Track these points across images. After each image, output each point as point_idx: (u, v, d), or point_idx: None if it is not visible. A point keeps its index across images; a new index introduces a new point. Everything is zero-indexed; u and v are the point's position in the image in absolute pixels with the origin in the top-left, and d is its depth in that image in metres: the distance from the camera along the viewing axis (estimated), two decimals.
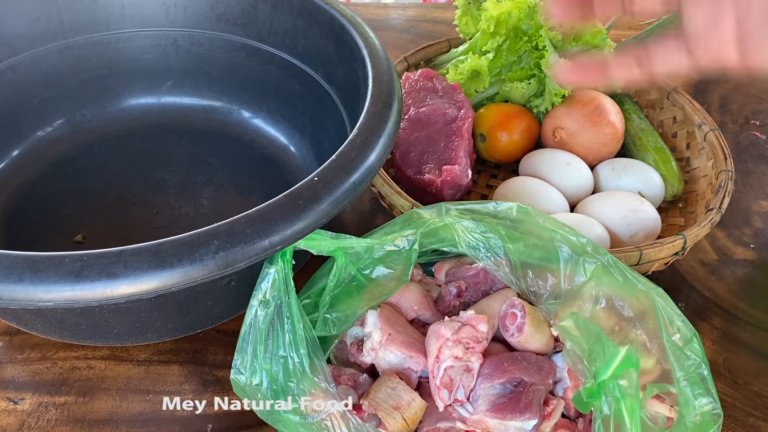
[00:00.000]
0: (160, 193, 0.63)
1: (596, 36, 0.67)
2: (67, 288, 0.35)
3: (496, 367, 0.44)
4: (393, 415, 0.43)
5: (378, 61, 0.52)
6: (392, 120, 0.47)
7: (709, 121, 0.66)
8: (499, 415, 0.43)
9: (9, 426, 0.48)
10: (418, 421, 0.44)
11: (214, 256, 0.37)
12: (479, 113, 0.67)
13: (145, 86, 0.69)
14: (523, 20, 0.67)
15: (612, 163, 0.64)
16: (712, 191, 0.60)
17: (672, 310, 0.44)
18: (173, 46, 0.67)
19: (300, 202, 0.40)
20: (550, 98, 0.66)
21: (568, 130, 0.65)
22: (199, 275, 0.37)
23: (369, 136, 0.45)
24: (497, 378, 0.44)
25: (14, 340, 0.54)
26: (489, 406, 0.43)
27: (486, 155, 0.68)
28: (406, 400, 0.44)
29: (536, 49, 0.68)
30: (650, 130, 0.68)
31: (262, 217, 0.39)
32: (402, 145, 0.63)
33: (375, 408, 0.43)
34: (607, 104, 0.65)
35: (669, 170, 0.64)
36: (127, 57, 0.67)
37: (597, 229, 0.56)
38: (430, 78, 0.66)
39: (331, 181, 0.41)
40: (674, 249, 0.53)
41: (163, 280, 0.36)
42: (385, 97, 0.49)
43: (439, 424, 0.44)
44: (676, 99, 0.69)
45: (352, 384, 0.45)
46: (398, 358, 0.45)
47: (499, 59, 0.68)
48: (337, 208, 0.41)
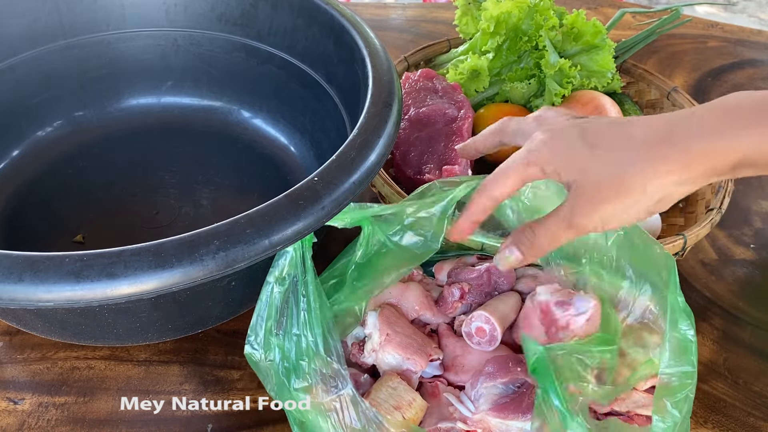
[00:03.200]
0: (160, 193, 0.63)
1: (596, 36, 0.67)
2: (68, 288, 0.35)
3: (501, 366, 0.44)
4: (394, 415, 0.43)
5: (378, 61, 0.52)
6: (392, 120, 0.47)
7: None
8: (501, 415, 0.43)
9: (9, 426, 0.48)
10: (419, 420, 0.44)
11: (215, 256, 0.37)
12: (479, 113, 0.67)
13: (145, 86, 0.69)
14: (523, 20, 0.67)
15: None
16: (712, 191, 0.60)
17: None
18: (173, 46, 0.67)
19: (300, 202, 0.40)
20: (549, 98, 0.66)
21: None
22: (199, 275, 0.37)
23: (369, 136, 0.45)
24: (500, 377, 0.44)
25: (14, 340, 0.54)
26: (491, 405, 0.43)
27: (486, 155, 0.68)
28: (407, 399, 0.44)
29: (536, 49, 0.68)
30: None
31: (262, 218, 0.39)
32: (402, 145, 0.63)
33: (376, 407, 0.43)
34: (607, 104, 0.65)
35: None
36: (127, 57, 0.67)
37: None
38: (430, 78, 0.66)
39: (331, 181, 0.41)
40: (674, 249, 0.53)
41: (163, 281, 0.36)
42: (385, 98, 0.48)
43: (440, 424, 0.44)
44: (675, 99, 0.69)
45: (354, 384, 0.45)
46: (396, 359, 0.46)
47: (498, 59, 0.68)
48: (337, 208, 0.41)
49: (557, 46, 0.68)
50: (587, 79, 0.68)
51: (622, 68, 0.74)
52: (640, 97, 0.74)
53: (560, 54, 0.68)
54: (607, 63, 0.67)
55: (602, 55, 0.67)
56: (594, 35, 0.67)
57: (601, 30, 0.67)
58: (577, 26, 0.67)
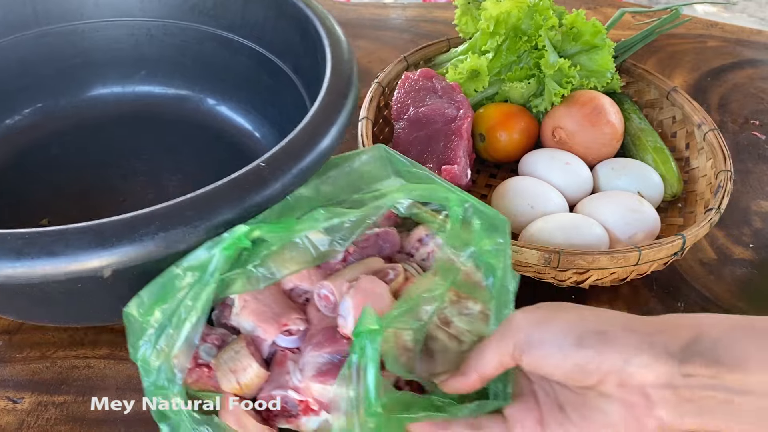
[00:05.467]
0: (129, 181, 0.63)
1: (596, 35, 0.67)
2: (8, 265, 0.36)
3: (328, 337, 0.45)
4: (228, 377, 0.44)
5: (338, 52, 0.52)
6: (346, 110, 0.48)
7: (709, 121, 0.66)
8: (322, 380, 0.43)
9: (8, 425, 0.48)
10: (254, 387, 0.45)
11: (154, 237, 0.38)
12: (478, 113, 0.67)
13: (118, 75, 0.70)
14: (523, 20, 0.67)
15: (611, 163, 0.65)
16: (712, 191, 0.60)
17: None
18: (147, 35, 0.68)
19: (245, 186, 0.41)
20: (549, 98, 0.66)
21: (568, 129, 0.65)
22: (138, 255, 0.37)
23: (321, 124, 0.46)
24: (327, 347, 0.44)
25: (14, 339, 0.54)
26: (314, 372, 0.44)
27: (485, 155, 0.68)
28: (243, 365, 0.45)
29: (536, 49, 0.68)
30: (650, 129, 0.68)
31: (203, 201, 0.40)
32: (401, 144, 0.63)
33: (216, 367, 0.45)
34: (607, 104, 0.65)
35: (668, 170, 0.64)
36: (101, 46, 0.68)
37: (596, 229, 0.56)
38: (429, 78, 0.66)
39: (279, 167, 0.42)
40: (673, 249, 0.53)
41: (102, 259, 0.37)
42: (341, 88, 0.49)
43: (273, 391, 0.45)
44: (675, 99, 0.70)
45: (219, 343, 0.47)
46: (250, 325, 0.47)
47: (498, 59, 0.68)
48: (283, 194, 0.42)
49: (557, 46, 0.68)
50: (587, 79, 0.68)
51: (621, 68, 0.74)
52: (639, 96, 0.74)
53: (560, 54, 0.68)
54: (607, 63, 0.67)
55: (602, 55, 0.67)
56: (593, 35, 0.67)
57: (600, 30, 0.67)
58: (576, 26, 0.67)
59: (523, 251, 0.51)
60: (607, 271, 0.52)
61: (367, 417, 0.38)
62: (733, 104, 0.82)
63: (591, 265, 0.51)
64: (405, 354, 0.43)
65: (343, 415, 0.39)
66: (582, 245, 0.54)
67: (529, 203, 0.59)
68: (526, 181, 0.62)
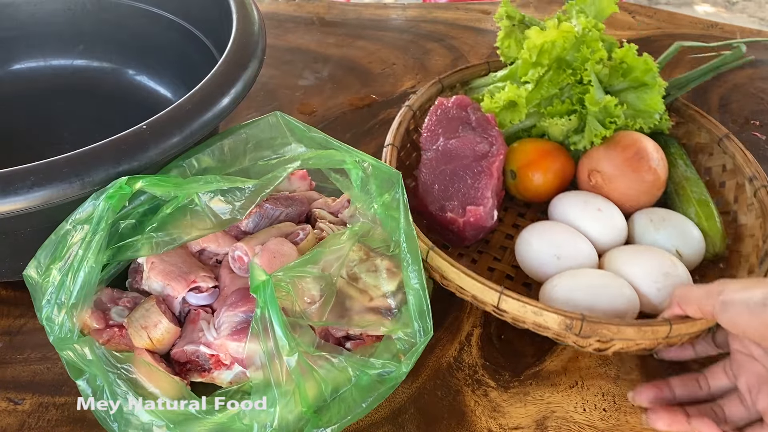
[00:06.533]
0: (54, 149, 0.67)
1: (647, 73, 0.62)
2: None
3: (242, 297, 0.48)
4: (140, 333, 0.48)
5: (245, 26, 0.54)
6: (242, 81, 0.49)
7: (762, 176, 0.60)
8: (237, 338, 0.46)
9: (9, 426, 0.49)
10: (166, 342, 0.48)
11: (29, 191, 0.40)
12: (512, 147, 0.63)
13: (57, 48, 0.74)
14: (568, 51, 0.63)
15: (650, 213, 0.60)
16: (758, 256, 0.56)
17: None
18: (83, 11, 0.72)
19: (123, 147, 0.43)
20: (590, 137, 0.62)
21: (605, 174, 0.60)
22: (13, 209, 0.40)
23: (210, 92, 0.47)
24: (241, 307, 0.47)
25: (14, 340, 0.54)
26: (230, 331, 0.47)
27: (515, 192, 0.64)
28: (153, 321, 0.48)
29: (580, 83, 0.63)
30: (696, 179, 0.63)
31: (80, 159, 0.42)
32: (426, 177, 0.60)
33: (128, 325, 0.48)
34: (651, 149, 0.61)
35: (712, 226, 0.60)
36: (38, 20, 0.72)
37: (626, 291, 0.52)
38: (464, 107, 0.62)
39: (160, 130, 0.44)
40: (707, 324, 0.49)
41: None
42: (239, 59, 0.51)
43: (186, 346, 0.48)
44: (726, 146, 0.64)
45: (131, 306, 0.50)
46: (159, 285, 0.50)
47: (539, 91, 0.64)
48: (163, 156, 0.45)
49: (603, 81, 0.63)
50: (632, 120, 0.63)
51: (671, 107, 0.69)
52: (688, 139, 0.69)
53: (605, 90, 0.63)
54: (656, 103, 0.62)
55: (651, 95, 0.62)
56: (644, 72, 0.62)
57: (652, 67, 0.62)
58: (627, 61, 0.62)
59: (543, 313, 0.48)
60: (633, 342, 0.49)
61: (287, 357, 0.41)
62: (733, 104, 0.80)
63: (616, 335, 0.47)
64: (310, 303, 0.46)
65: (259, 369, 0.42)
66: (609, 308, 0.50)
67: (556, 254, 0.55)
68: (555, 227, 0.58)
